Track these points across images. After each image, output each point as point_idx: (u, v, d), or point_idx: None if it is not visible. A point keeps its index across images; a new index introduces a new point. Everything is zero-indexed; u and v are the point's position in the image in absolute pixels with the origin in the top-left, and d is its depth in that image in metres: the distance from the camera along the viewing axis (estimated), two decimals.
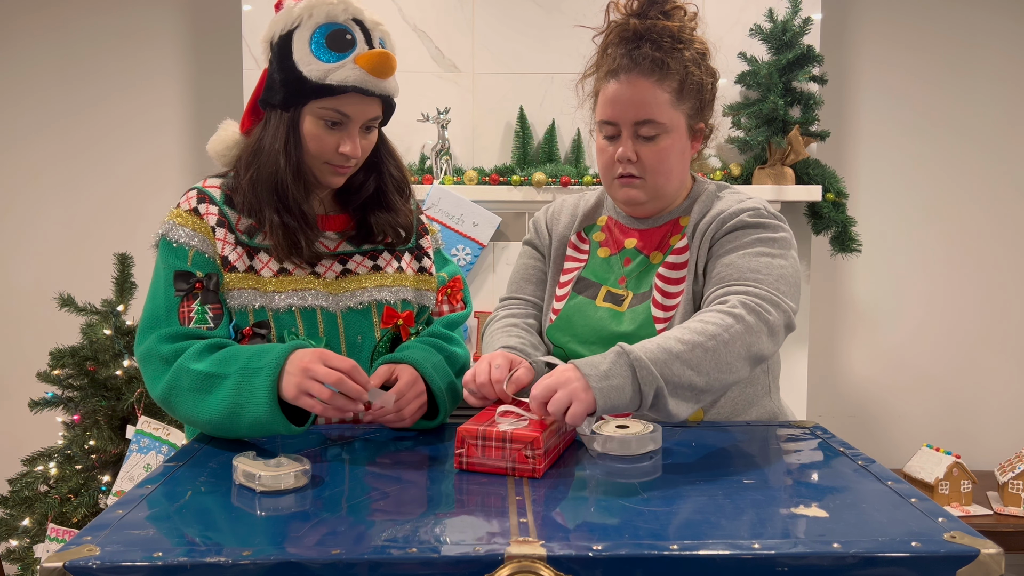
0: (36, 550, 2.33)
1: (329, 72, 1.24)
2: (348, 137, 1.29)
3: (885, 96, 3.13)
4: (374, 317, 1.37)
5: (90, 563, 0.75)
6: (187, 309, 1.26)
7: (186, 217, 1.30)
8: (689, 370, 1.09)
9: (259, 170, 1.29)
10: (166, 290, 1.27)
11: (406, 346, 1.36)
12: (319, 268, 1.34)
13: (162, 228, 1.31)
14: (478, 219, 2.67)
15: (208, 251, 1.29)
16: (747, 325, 1.15)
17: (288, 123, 1.28)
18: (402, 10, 2.77)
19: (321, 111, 1.26)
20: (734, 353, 1.13)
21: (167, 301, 1.27)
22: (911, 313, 3.20)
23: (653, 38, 1.27)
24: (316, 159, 1.30)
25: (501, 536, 0.81)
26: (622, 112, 1.28)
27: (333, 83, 1.24)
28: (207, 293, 1.27)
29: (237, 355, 1.19)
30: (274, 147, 1.29)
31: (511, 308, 1.47)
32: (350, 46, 1.25)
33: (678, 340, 1.11)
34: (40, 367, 2.44)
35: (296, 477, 0.98)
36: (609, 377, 1.06)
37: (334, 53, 1.25)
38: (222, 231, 1.30)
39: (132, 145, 3.12)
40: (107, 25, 3.09)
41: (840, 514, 0.87)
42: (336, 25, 1.25)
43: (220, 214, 1.31)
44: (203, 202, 1.31)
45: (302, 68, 1.25)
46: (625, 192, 1.33)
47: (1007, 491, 2.64)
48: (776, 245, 1.27)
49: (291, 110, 1.28)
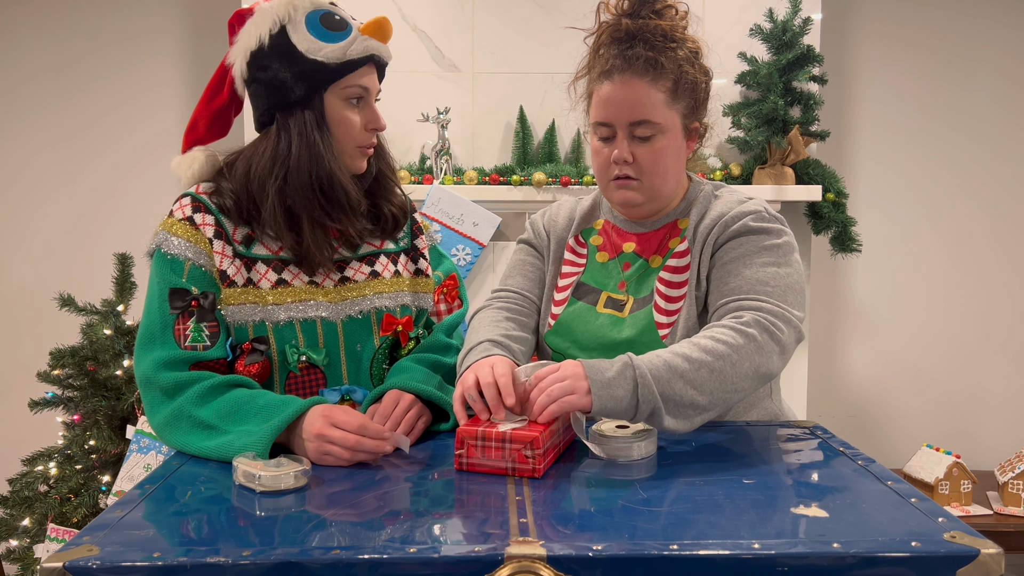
0: (36, 550, 2.33)
1: (345, 49, 1.25)
2: (371, 111, 1.31)
3: (885, 96, 3.13)
4: (373, 325, 1.36)
5: (90, 563, 0.75)
6: (183, 327, 1.23)
7: (181, 227, 1.27)
8: (692, 389, 1.09)
9: (289, 178, 1.25)
10: (160, 306, 1.24)
11: (405, 369, 1.34)
12: (317, 277, 1.32)
13: (156, 239, 1.27)
14: (478, 219, 2.67)
15: (205, 264, 1.26)
16: (758, 345, 1.15)
17: (315, 116, 1.26)
18: (402, 10, 2.77)
19: (345, 91, 1.27)
20: (741, 373, 1.13)
21: (162, 318, 1.23)
22: (911, 313, 3.20)
23: (646, 37, 1.26)
24: (347, 144, 1.30)
25: (501, 536, 0.81)
26: (617, 113, 1.27)
27: (353, 57, 1.25)
28: (203, 312, 1.25)
29: (241, 410, 1.16)
30: (308, 145, 1.25)
31: (503, 300, 1.43)
32: (345, 23, 1.27)
33: (686, 358, 1.11)
34: (40, 367, 2.44)
35: (296, 477, 0.98)
36: (611, 387, 1.06)
37: (337, 33, 1.26)
38: (220, 243, 1.27)
39: (132, 144, 3.12)
40: (107, 23, 3.08)
41: (840, 514, 0.87)
42: (321, 10, 1.27)
43: (217, 224, 1.27)
44: (199, 211, 1.28)
45: (315, 56, 1.24)
46: (621, 194, 1.32)
47: (1007, 491, 2.64)
48: (780, 252, 1.27)
49: (313, 101, 1.26)
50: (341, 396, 1.32)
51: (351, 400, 1.33)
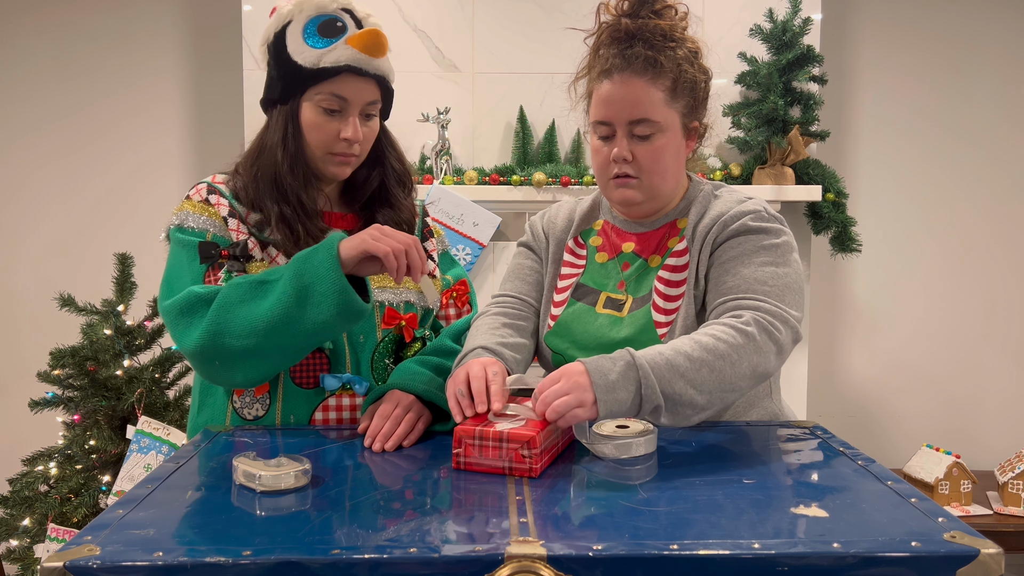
0: (36, 550, 2.33)
1: (322, 56, 1.27)
2: (348, 122, 1.31)
3: (885, 96, 3.13)
4: (376, 317, 1.37)
5: (90, 563, 0.75)
6: (213, 278, 1.27)
7: (199, 206, 1.32)
8: (692, 389, 1.10)
9: (260, 166, 1.32)
10: (189, 264, 1.28)
11: (407, 370, 1.34)
12: None
13: (175, 219, 1.32)
14: (478, 219, 2.67)
15: (225, 236, 1.31)
16: (756, 345, 1.15)
17: (287, 116, 1.31)
18: (402, 10, 2.77)
19: (319, 97, 1.29)
20: (740, 373, 1.13)
21: (192, 272, 1.27)
22: (911, 313, 3.20)
23: (645, 37, 1.27)
24: (319, 149, 1.32)
25: (501, 536, 0.81)
26: (616, 112, 1.27)
27: (327, 65, 1.27)
28: (233, 261, 1.29)
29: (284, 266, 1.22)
30: (274, 141, 1.31)
31: (502, 306, 1.43)
32: (341, 31, 1.29)
33: (687, 356, 1.11)
34: (40, 367, 2.44)
35: (296, 477, 0.98)
36: (616, 389, 1.07)
37: (326, 39, 1.28)
38: (235, 222, 1.32)
39: (132, 144, 3.12)
40: (107, 24, 3.09)
41: (840, 514, 0.87)
42: (326, 15, 1.29)
43: (231, 207, 1.33)
44: (213, 194, 1.34)
45: (296, 58, 1.28)
46: (621, 193, 1.32)
47: (1007, 491, 2.64)
48: (779, 252, 1.27)
49: (290, 102, 1.30)
50: (342, 384, 1.33)
51: (352, 391, 1.34)
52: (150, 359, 2.48)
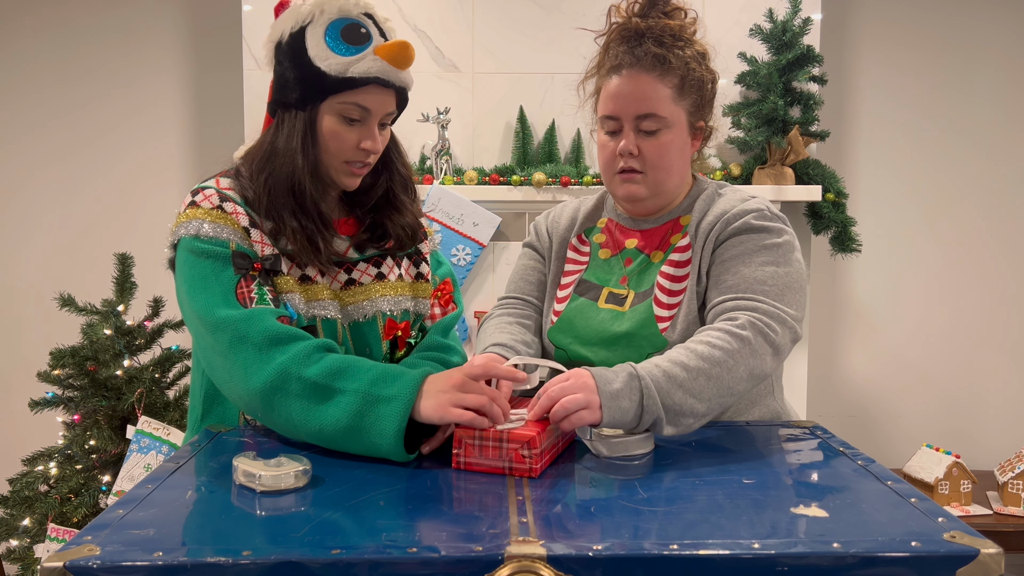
0: (36, 550, 2.33)
1: (349, 65, 1.22)
2: (368, 132, 1.27)
3: (885, 96, 3.13)
4: (379, 328, 1.36)
5: (90, 563, 0.75)
6: (246, 290, 1.18)
7: (213, 214, 1.22)
8: (691, 398, 1.12)
9: (274, 172, 1.24)
10: (217, 274, 1.17)
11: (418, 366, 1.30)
12: (326, 277, 1.31)
13: (185, 230, 1.21)
14: (478, 219, 2.67)
15: (248, 247, 1.22)
16: (752, 348, 1.16)
17: (305, 122, 1.24)
18: (402, 10, 2.77)
19: (341, 106, 1.24)
20: (737, 377, 1.15)
21: (222, 282, 1.17)
22: (911, 313, 3.20)
23: (655, 35, 1.29)
24: (335, 158, 1.27)
25: (501, 536, 0.81)
26: (624, 106, 1.29)
27: (355, 75, 1.22)
28: (265, 275, 1.21)
29: (355, 369, 1.11)
30: (290, 147, 1.24)
31: (507, 308, 1.47)
32: (366, 39, 1.24)
33: (683, 367, 1.12)
34: (40, 367, 2.44)
35: (296, 477, 0.98)
36: (619, 398, 1.08)
37: (352, 47, 1.23)
38: (256, 232, 1.24)
39: (132, 144, 3.12)
40: (107, 23, 3.09)
41: (840, 514, 0.87)
42: (350, 19, 1.24)
43: (249, 216, 1.24)
44: (227, 201, 1.24)
45: (319, 64, 1.22)
46: (626, 188, 1.33)
47: (1007, 491, 2.64)
48: (780, 251, 1.27)
49: (308, 108, 1.24)
50: None
51: None
52: (150, 359, 2.48)
